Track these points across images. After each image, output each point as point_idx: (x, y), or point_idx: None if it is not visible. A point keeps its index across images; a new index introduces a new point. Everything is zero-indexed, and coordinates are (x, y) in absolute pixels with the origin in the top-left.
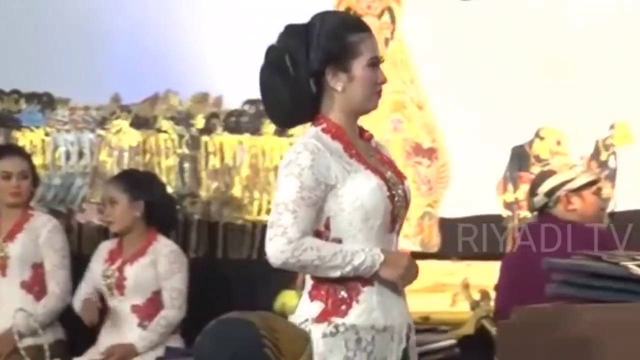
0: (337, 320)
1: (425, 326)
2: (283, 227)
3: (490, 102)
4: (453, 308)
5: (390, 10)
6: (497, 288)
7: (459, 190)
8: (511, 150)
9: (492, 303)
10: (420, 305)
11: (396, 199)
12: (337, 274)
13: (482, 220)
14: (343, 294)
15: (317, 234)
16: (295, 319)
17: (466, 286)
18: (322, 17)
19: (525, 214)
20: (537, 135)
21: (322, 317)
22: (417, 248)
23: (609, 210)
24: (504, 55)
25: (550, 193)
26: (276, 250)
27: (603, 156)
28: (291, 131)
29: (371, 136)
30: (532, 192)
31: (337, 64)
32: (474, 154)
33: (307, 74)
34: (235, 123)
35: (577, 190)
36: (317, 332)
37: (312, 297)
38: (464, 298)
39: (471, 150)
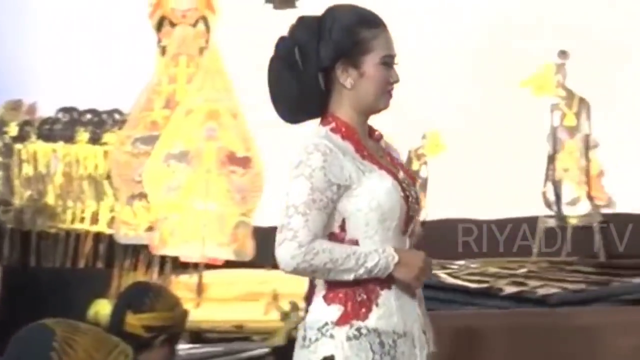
0: (359, 323)
1: (239, 335)
2: (293, 231)
3: None
4: (266, 317)
5: (204, 19)
6: (306, 298)
7: (273, 199)
8: None
9: (301, 314)
10: (234, 314)
11: (410, 200)
12: (350, 277)
13: None
14: (363, 296)
15: (332, 237)
16: (312, 323)
17: (275, 297)
18: (335, 11)
19: None
20: None
21: (343, 320)
22: (231, 257)
23: (420, 219)
24: None
25: None
26: (286, 255)
27: (415, 165)
28: (106, 139)
29: (381, 136)
30: None
31: (348, 60)
32: (287, 163)
33: (316, 69)
34: (49, 131)
35: None
36: (340, 335)
37: (329, 301)
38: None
39: (284, 160)
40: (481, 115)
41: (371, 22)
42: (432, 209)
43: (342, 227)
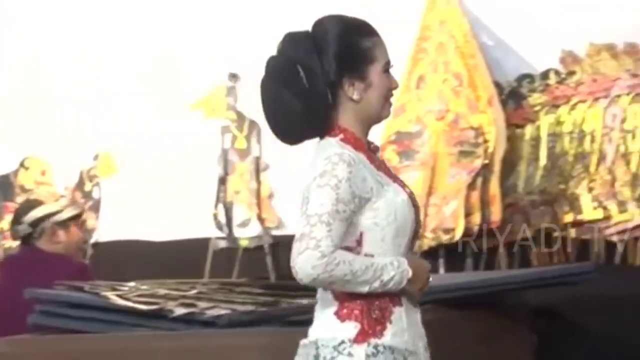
0: (376, 340)
1: None
2: (316, 240)
3: None
4: None
5: None
6: None
7: None
8: None
9: None
10: None
11: (418, 215)
12: (365, 289)
13: None
14: (377, 313)
15: (347, 250)
16: (326, 341)
17: None
18: (327, 24)
19: (11, 243)
20: (21, 165)
21: (361, 338)
22: None
23: (93, 240)
24: None
25: (35, 224)
26: (308, 264)
27: (87, 186)
28: None
29: (377, 148)
30: (17, 220)
31: (354, 72)
32: None
33: (325, 85)
34: None
35: (63, 223)
36: (359, 353)
37: (343, 318)
38: None
39: None
40: (153, 137)
41: (368, 30)
42: (104, 231)
43: (359, 242)
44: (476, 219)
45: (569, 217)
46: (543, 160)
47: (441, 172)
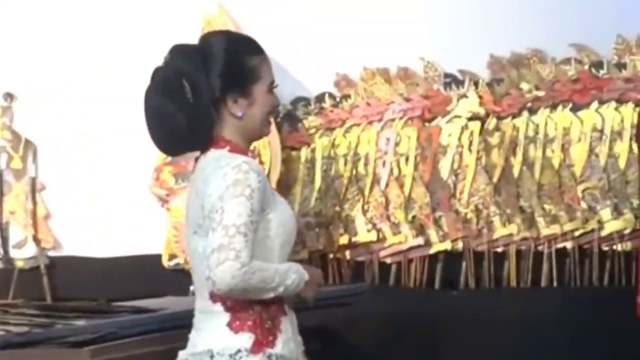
0: (270, 350)
1: None
2: (235, 251)
3: None
4: None
5: None
6: None
7: None
8: None
9: None
10: None
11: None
12: (271, 295)
13: None
14: (269, 323)
15: None
16: (222, 350)
17: None
18: (215, 39)
19: None
20: None
21: (256, 348)
22: None
23: None
24: None
25: None
26: (228, 274)
27: None
28: None
29: None
30: None
31: (238, 89)
32: None
33: (209, 101)
34: None
35: None
36: None
37: (236, 329)
38: None
39: None
40: None
41: (255, 48)
42: None
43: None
44: None
45: (344, 239)
46: (318, 183)
47: None
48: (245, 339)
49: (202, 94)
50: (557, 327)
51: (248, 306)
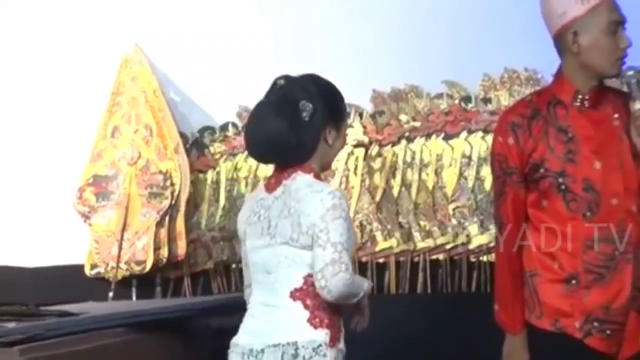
0: (339, 346)
1: None
2: (345, 264)
3: None
4: None
5: None
6: None
7: None
8: None
9: None
10: None
11: None
12: (356, 300)
13: None
14: (338, 323)
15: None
16: (306, 344)
17: None
18: (321, 79)
19: None
20: None
21: (332, 343)
22: None
23: None
24: None
25: None
26: (340, 283)
27: None
28: None
29: None
30: None
31: (335, 123)
32: None
33: (321, 125)
34: None
35: None
36: (331, 355)
37: (315, 325)
38: None
39: None
40: None
41: (342, 95)
42: None
43: None
44: (164, 252)
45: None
46: (222, 202)
47: (134, 211)
48: (324, 335)
49: (317, 117)
50: (430, 328)
51: (323, 306)
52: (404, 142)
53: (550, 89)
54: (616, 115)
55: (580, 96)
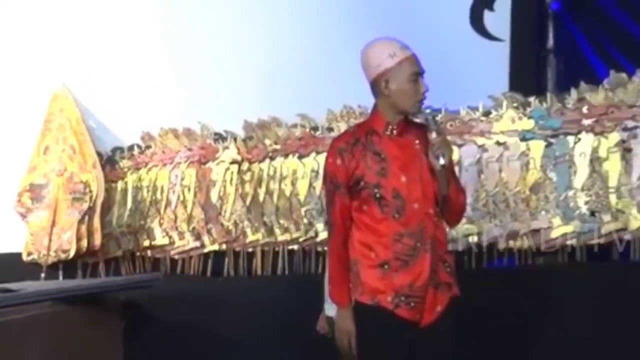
0: None
1: None
2: None
3: None
4: None
5: None
6: None
7: None
8: None
9: None
10: None
11: None
12: None
13: None
14: None
15: None
16: None
17: None
18: None
19: None
20: None
21: None
22: None
23: None
24: None
25: None
26: None
27: None
28: None
29: None
30: None
31: None
32: None
33: None
34: None
35: None
36: None
37: None
38: None
39: None
40: None
41: None
42: None
43: None
44: (84, 243)
45: (147, 243)
46: (129, 205)
47: (61, 211)
48: None
49: None
50: (288, 300)
51: None
52: (267, 160)
53: (367, 122)
54: (417, 141)
55: (390, 127)
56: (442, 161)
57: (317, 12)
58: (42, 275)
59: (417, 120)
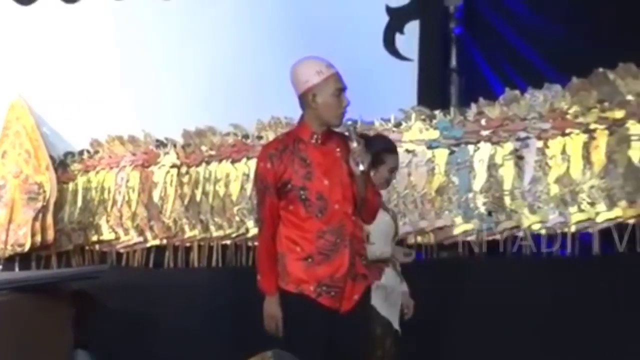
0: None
1: None
2: None
3: None
4: None
5: None
6: None
7: None
8: None
9: None
10: None
11: None
12: None
13: None
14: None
15: None
16: None
17: None
18: None
19: None
20: None
21: None
22: None
23: None
24: None
25: None
26: None
27: None
28: None
29: None
30: None
31: None
32: None
33: None
34: None
35: None
36: None
37: None
38: None
39: None
40: None
41: None
42: None
43: None
44: (38, 238)
45: (95, 238)
46: (79, 204)
47: (17, 210)
48: None
49: None
50: (221, 290)
51: None
52: (204, 164)
53: (295, 131)
54: (338, 149)
55: (315, 136)
56: (361, 167)
57: (249, 33)
58: (0, 267)
59: (338, 130)
